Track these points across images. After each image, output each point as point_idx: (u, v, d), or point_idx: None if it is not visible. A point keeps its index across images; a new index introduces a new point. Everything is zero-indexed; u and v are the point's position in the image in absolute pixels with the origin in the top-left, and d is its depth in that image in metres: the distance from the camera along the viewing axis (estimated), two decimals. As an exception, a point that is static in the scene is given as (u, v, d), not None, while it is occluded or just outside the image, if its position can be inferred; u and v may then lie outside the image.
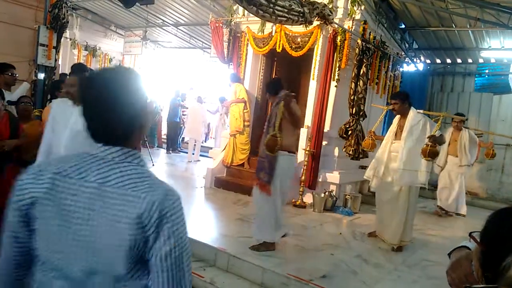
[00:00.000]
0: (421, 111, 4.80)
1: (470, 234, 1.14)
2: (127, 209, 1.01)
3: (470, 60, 9.29)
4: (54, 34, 6.25)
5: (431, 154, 4.19)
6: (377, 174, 4.74)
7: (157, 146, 11.44)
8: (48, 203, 1.04)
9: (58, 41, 6.49)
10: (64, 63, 10.05)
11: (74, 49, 10.71)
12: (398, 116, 4.75)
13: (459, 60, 9.44)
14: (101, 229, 1.01)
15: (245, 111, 7.02)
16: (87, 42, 10.98)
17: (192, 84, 13.03)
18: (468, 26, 7.44)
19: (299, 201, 6.17)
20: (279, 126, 3.80)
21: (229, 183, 6.84)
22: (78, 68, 6.40)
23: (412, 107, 4.66)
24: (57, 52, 6.54)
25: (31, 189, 1.05)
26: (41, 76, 5.93)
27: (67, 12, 6.40)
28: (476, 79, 9.48)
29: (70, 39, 10.46)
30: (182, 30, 11.10)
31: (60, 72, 7.81)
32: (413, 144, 4.43)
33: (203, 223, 5.04)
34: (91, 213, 1.02)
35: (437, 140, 4.22)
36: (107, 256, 1.02)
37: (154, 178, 1.10)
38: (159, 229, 1.02)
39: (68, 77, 6.25)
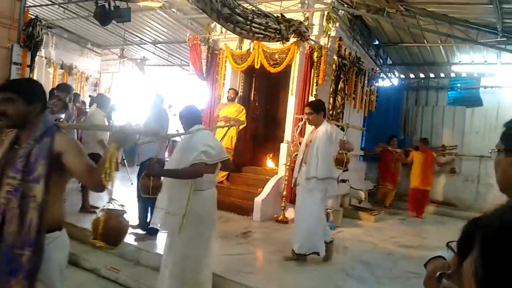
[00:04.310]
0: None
1: (447, 244, 1.15)
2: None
3: (442, 75, 9.59)
4: (28, 53, 6.11)
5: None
6: None
7: (136, 165, 11.24)
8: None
9: (33, 60, 6.34)
10: (39, 82, 9.84)
11: (49, 67, 10.52)
12: None
13: (432, 75, 9.72)
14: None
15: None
16: (63, 61, 10.81)
17: (171, 102, 12.94)
18: (439, 42, 7.70)
19: (281, 216, 6.14)
20: (46, 186, 1.88)
21: (210, 201, 6.74)
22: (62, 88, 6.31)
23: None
24: (32, 71, 6.39)
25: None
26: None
27: (41, 31, 6.29)
28: (448, 93, 9.78)
29: (46, 58, 10.28)
30: (160, 48, 11.09)
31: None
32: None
33: (183, 242, 4.94)
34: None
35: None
36: None
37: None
38: None
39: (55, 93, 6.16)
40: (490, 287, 0.60)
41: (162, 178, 3.24)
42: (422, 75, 9.91)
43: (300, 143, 4.64)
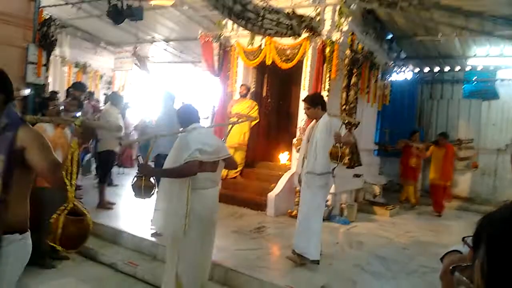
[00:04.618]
0: None
1: (463, 239, 1.15)
2: None
3: (457, 68, 9.43)
4: (43, 52, 6.22)
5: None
6: None
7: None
8: None
9: (48, 59, 6.46)
10: (55, 80, 10.00)
11: (64, 66, 10.67)
12: None
13: (447, 68, 9.57)
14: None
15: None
16: (77, 59, 10.96)
17: (184, 99, 13.03)
18: (454, 35, 7.57)
19: (295, 211, 6.13)
20: (6, 184, 1.78)
21: (224, 196, 6.76)
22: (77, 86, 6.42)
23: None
24: (47, 69, 6.50)
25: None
26: (25, 92, 5.87)
27: (56, 30, 6.39)
28: (464, 86, 9.63)
29: (60, 57, 10.42)
30: (172, 45, 11.14)
31: (50, 90, 7.78)
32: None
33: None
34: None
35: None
36: None
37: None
38: None
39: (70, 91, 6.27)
40: (494, 283, 0.63)
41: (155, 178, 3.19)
42: (436, 69, 9.76)
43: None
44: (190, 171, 2.95)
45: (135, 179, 3.11)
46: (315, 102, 4.20)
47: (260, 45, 6.91)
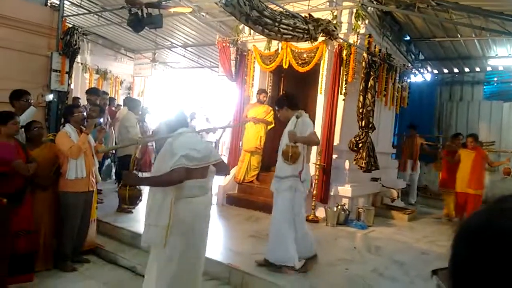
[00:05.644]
0: None
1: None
2: None
3: (477, 69, 9.27)
4: (66, 60, 6.42)
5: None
6: None
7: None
8: None
9: (70, 66, 6.66)
10: (76, 87, 10.27)
11: (85, 73, 10.96)
12: None
13: (466, 69, 9.42)
14: None
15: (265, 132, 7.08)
16: (98, 66, 11.24)
17: (202, 102, 13.20)
18: (474, 36, 7.45)
19: (312, 215, 6.15)
20: None
21: (241, 200, 6.85)
22: (92, 91, 6.58)
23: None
24: (70, 77, 6.70)
25: None
26: (49, 97, 6.03)
27: (78, 38, 6.58)
28: (484, 87, 9.45)
29: (82, 64, 10.71)
30: (190, 51, 11.31)
31: (72, 96, 8.00)
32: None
33: (216, 241, 5.04)
34: None
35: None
36: None
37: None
38: None
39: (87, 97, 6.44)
40: None
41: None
42: (456, 70, 9.62)
43: None
44: (176, 179, 2.76)
45: (119, 188, 3.02)
46: (280, 103, 4.13)
47: (277, 49, 6.95)
